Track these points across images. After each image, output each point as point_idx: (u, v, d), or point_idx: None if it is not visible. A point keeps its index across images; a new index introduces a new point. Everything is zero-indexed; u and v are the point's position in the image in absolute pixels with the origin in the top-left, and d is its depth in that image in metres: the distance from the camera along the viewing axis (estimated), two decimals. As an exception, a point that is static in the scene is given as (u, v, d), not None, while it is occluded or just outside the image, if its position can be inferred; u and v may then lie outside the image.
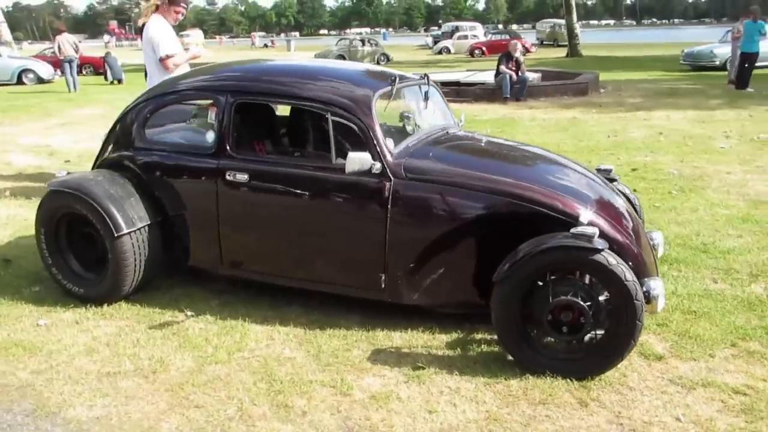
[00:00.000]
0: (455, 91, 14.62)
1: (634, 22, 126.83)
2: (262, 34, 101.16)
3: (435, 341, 3.30)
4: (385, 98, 3.51)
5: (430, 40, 46.20)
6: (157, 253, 3.74)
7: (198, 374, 3.02)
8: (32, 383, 2.97)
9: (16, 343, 3.33)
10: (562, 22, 44.14)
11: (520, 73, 13.80)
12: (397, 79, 3.57)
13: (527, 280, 2.89)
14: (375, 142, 3.23)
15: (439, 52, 37.73)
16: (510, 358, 3.07)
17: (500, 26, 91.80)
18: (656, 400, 2.77)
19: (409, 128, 3.82)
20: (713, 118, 10.84)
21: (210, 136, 3.59)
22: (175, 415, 2.71)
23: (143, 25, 5.12)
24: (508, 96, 13.57)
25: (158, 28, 4.97)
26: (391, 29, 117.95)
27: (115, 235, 3.52)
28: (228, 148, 3.49)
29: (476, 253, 3.24)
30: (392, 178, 3.20)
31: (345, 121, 3.31)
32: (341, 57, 27.51)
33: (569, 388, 2.84)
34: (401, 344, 3.28)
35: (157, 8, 5.02)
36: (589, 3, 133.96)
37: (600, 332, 2.87)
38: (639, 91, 14.96)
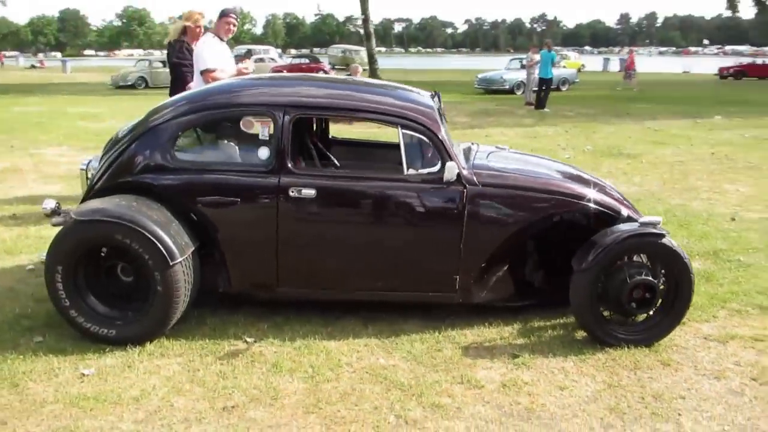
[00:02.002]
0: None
1: (403, 50, 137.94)
2: (14, 53, 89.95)
3: (504, 333, 3.58)
4: None
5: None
6: (198, 281, 3.50)
7: (320, 393, 2.95)
8: None
9: (76, 396, 2.90)
10: (353, 47, 46.62)
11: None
12: (437, 95, 3.82)
13: (607, 266, 3.33)
14: (447, 152, 3.44)
15: (238, 76, 37.28)
16: (581, 335, 3.48)
17: (295, 50, 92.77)
18: (710, 353, 3.38)
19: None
20: (538, 133, 12.50)
21: (264, 153, 3.47)
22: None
23: (168, 43, 5.28)
24: (353, 117, 14.12)
25: (204, 43, 5.03)
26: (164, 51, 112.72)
27: (170, 264, 3.23)
28: (289, 164, 3.42)
29: (538, 249, 3.62)
30: (467, 186, 3.44)
31: (416, 134, 3.47)
32: (142, 79, 25.92)
33: (647, 354, 3.34)
34: (478, 340, 3.51)
35: (185, 29, 5.25)
36: (360, 31, 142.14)
37: (662, 304, 3.41)
38: (459, 112, 16.53)
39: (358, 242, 3.50)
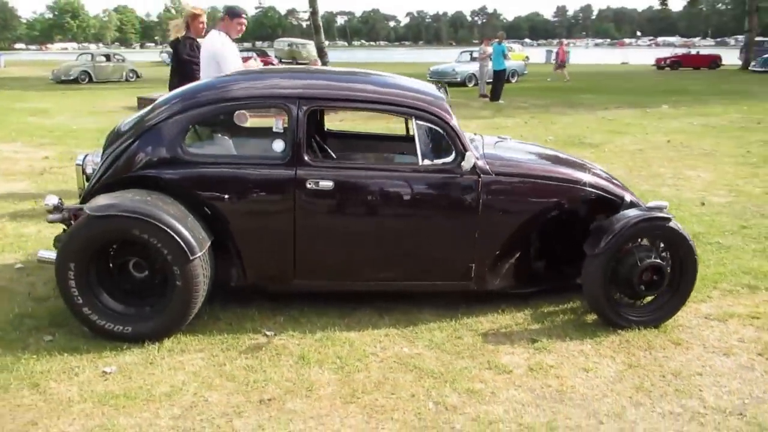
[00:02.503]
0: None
1: (346, 43, 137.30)
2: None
3: (518, 319, 3.67)
4: None
5: (166, 57, 44.10)
6: (213, 275, 3.44)
7: (353, 383, 2.96)
8: (191, 428, 2.60)
9: (104, 395, 2.83)
10: (300, 41, 46.11)
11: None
12: (443, 87, 3.86)
13: (618, 250, 3.45)
14: (461, 142, 3.49)
15: (183, 68, 36.31)
16: (591, 318, 3.61)
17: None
18: (713, 331, 3.56)
19: None
20: (499, 125, 12.72)
21: (279, 145, 3.43)
22: (388, 420, 2.67)
23: (175, 40, 5.21)
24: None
25: (222, 44, 4.98)
26: (101, 44, 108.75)
27: (190, 258, 3.17)
28: (305, 156, 3.40)
29: (548, 235, 3.72)
30: (481, 175, 3.49)
31: (431, 125, 3.50)
32: (86, 74, 24.95)
33: (657, 335, 3.48)
34: (494, 327, 3.58)
35: (188, 24, 5.20)
36: (303, 24, 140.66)
37: (668, 285, 3.56)
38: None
39: (374, 233, 3.51)
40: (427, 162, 3.49)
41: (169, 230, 3.13)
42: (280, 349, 3.28)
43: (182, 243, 3.14)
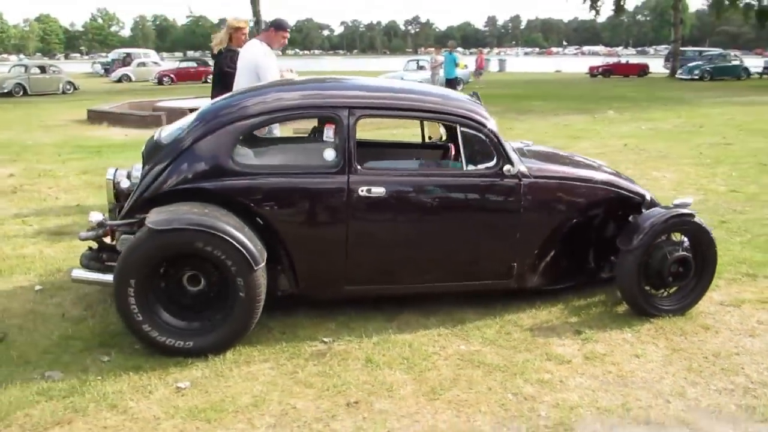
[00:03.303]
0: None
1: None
2: None
3: (555, 314, 3.87)
4: None
5: (99, 68, 42.75)
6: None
7: (429, 381, 3.08)
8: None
9: (189, 410, 2.83)
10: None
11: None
12: (476, 95, 4.04)
13: (649, 245, 3.70)
14: (503, 148, 3.67)
15: (119, 80, 35.28)
16: (622, 309, 3.85)
17: (165, 53, 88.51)
18: (733, 316, 3.86)
19: None
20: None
21: (330, 153, 3.51)
22: (477, 413, 2.80)
23: (218, 52, 5.46)
24: (275, 121, 14.00)
25: (264, 54, 5.13)
26: (22, 55, 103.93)
27: (255, 269, 3.21)
28: (355, 163, 3.49)
29: (578, 233, 3.94)
30: (521, 178, 3.68)
31: (474, 132, 3.66)
32: (20, 86, 23.94)
33: (685, 321, 3.75)
34: (536, 322, 3.76)
35: (230, 36, 5.44)
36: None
37: (693, 276, 3.84)
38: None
39: (422, 237, 3.64)
40: (471, 167, 3.65)
41: (233, 241, 3.16)
42: (343, 354, 3.35)
43: (246, 254, 3.18)
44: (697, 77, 30.82)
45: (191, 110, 14.54)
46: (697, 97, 21.27)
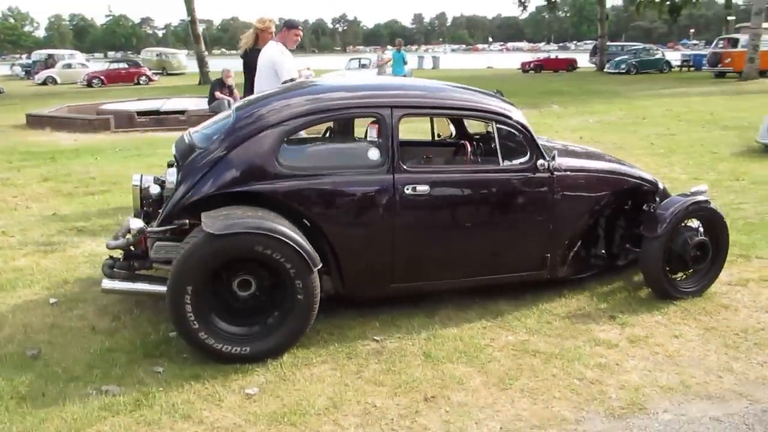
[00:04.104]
0: (156, 121, 14.15)
1: (206, 52, 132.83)
2: None
3: (583, 302, 4.02)
4: None
5: (19, 70, 40.51)
6: (316, 287, 3.47)
7: (494, 372, 3.16)
8: None
9: (270, 415, 2.81)
10: (169, 50, 44.32)
11: (234, 99, 14.08)
12: (501, 93, 4.15)
13: (672, 232, 3.91)
14: (536, 144, 3.79)
15: (44, 83, 33.56)
16: (644, 293, 4.05)
17: (87, 54, 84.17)
18: (743, 295, 4.12)
19: None
20: (412, 129, 13.19)
21: (375, 153, 3.53)
22: (551, 399, 2.90)
23: (246, 51, 5.72)
24: (229, 121, 13.73)
25: (281, 52, 5.30)
26: None
27: (313, 270, 3.20)
28: (400, 162, 3.53)
29: (602, 223, 4.12)
30: (553, 172, 3.81)
31: (510, 129, 3.76)
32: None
33: (705, 302, 3.98)
34: (570, 310, 3.90)
35: (257, 36, 5.67)
36: (158, 33, 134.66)
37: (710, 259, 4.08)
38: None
39: (465, 233, 3.71)
40: (507, 163, 3.75)
41: (293, 244, 3.14)
42: (399, 351, 3.38)
43: (306, 256, 3.17)
44: (623, 71, 32.25)
45: (141, 113, 14.18)
46: (629, 90, 22.27)
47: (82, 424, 2.74)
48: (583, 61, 41.27)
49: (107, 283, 3.52)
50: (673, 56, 37.94)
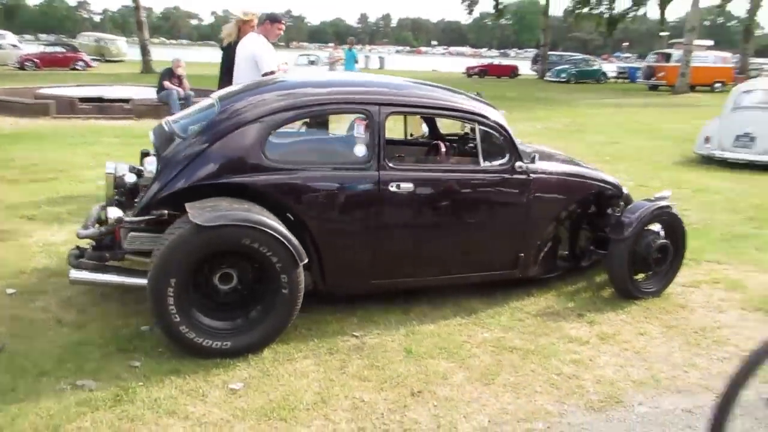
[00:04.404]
0: (99, 108, 13.65)
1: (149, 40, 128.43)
2: None
3: (551, 301, 4.15)
4: None
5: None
6: (297, 281, 3.45)
7: (475, 368, 3.22)
8: (375, 426, 2.69)
9: (257, 410, 2.78)
10: (108, 36, 42.70)
11: (183, 90, 13.73)
12: (480, 94, 4.23)
13: (637, 235, 4.09)
14: (515, 146, 3.89)
15: (-30, 64, 31.69)
16: (607, 293, 4.23)
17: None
18: (697, 295, 4.34)
19: None
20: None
21: (361, 149, 3.54)
22: (533, 393, 2.99)
23: (229, 44, 5.57)
24: (177, 111, 13.37)
25: (261, 44, 5.25)
26: None
27: (299, 264, 3.18)
28: (385, 159, 3.55)
29: (571, 224, 4.27)
30: (529, 174, 3.92)
31: (491, 130, 3.84)
32: None
33: (663, 302, 4.17)
34: (540, 308, 4.02)
35: (239, 29, 5.57)
36: (94, 17, 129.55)
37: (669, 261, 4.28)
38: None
39: (445, 231, 3.76)
40: (487, 163, 3.83)
41: (281, 237, 3.11)
42: (379, 347, 3.40)
43: (293, 250, 3.14)
44: (564, 80, 33.29)
45: (83, 100, 13.58)
46: (570, 99, 23.01)
47: (60, 420, 2.63)
48: (525, 68, 42.33)
49: (75, 274, 3.39)
50: (609, 68, 39.44)
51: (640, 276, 4.26)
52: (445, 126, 5.22)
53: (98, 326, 3.49)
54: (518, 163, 3.86)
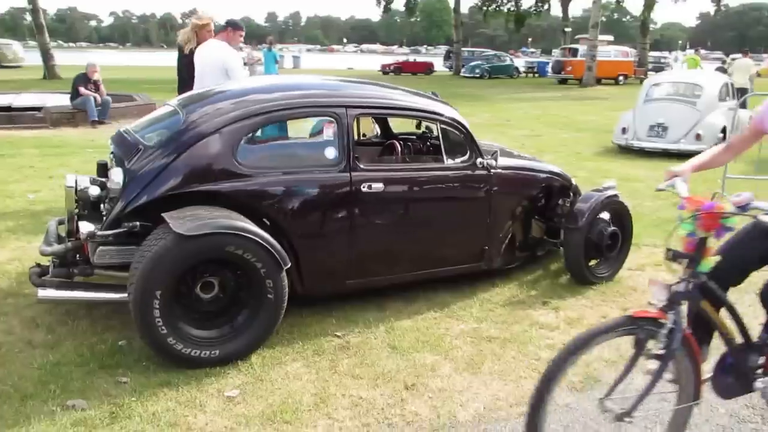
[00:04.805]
0: (8, 118, 12.88)
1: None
2: None
3: (515, 290, 4.36)
4: None
5: None
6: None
7: (460, 360, 3.36)
8: (378, 421, 2.76)
9: (259, 415, 2.80)
10: (4, 40, 40.02)
11: (100, 96, 13.17)
12: (436, 95, 4.37)
13: (590, 223, 4.36)
14: (475, 143, 4.05)
15: None
16: (565, 280, 4.49)
17: None
18: (644, 279, 4.67)
19: None
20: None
21: (332, 152, 3.59)
22: (519, 379, 3.16)
23: (191, 50, 5.53)
24: (95, 118, 12.84)
25: (231, 53, 5.31)
26: None
27: (284, 268, 3.21)
28: (356, 161, 3.62)
29: (528, 215, 4.50)
30: (490, 170, 4.10)
31: (453, 129, 3.99)
32: None
33: (615, 285, 4.48)
34: (505, 298, 4.21)
35: (196, 34, 5.60)
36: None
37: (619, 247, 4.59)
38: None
39: (415, 228, 3.88)
40: (450, 161, 3.98)
41: (265, 243, 3.13)
42: (364, 344, 3.48)
43: (277, 255, 3.16)
44: (478, 75, 34.26)
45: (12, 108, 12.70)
46: (488, 94, 23.76)
47: (56, 443, 2.55)
48: (438, 64, 43.22)
49: (44, 293, 3.27)
50: (518, 63, 40.92)
51: (593, 262, 4.54)
52: (397, 125, 5.37)
53: (72, 345, 3.37)
54: (479, 160, 4.03)
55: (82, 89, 12.81)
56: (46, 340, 3.43)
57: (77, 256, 3.49)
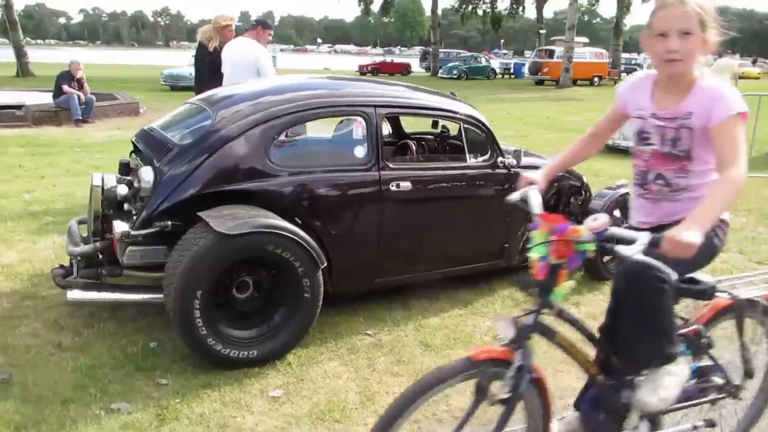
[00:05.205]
0: (-13, 117, 12.59)
1: (7, 40, 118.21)
2: None
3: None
4: None
5: None
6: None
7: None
8: (427, 417, 2.79)
9: (308, 416, 2.80)
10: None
11: (84, 94, 12.96)
12: (454, 95, 4.41)
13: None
14: (496, 143, 4.11)
15: None
16: (580, 274, 4.57)
17: None
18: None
19: None
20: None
21: (361, 151, 3.60)
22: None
23: (215, 48, 5.71)
24: (80, 117, 12.64)
25: (264, 52, 5.44)
26: None
27: (320, 267, 3.22)
28: (384, 159, 3.64)
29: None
30: (510, 168, 4.16)
31: (475, 129, 4.03)
32: None
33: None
34: (498, 297, 4.28)
35: (217, 32, 5.76)
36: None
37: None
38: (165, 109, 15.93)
39: (439, 227, 3.91)
40: (473, 160, 4.02)
41: (303, 242, 3.13)
42: (397, 342, 3.50)
43: (314, 253, 3.17)
44: (455, 76, 34.50)
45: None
46: (468, 95, 23.68)
47: (107, 445, 2.53)
48: (415, 65, 43.40)
49: (73, 295, 3.23)
50: (494, 64, 41.30)
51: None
52: (408, 125, 5.41)
53: (103, 347, 3.33)
54: (500, 159, 4.09)
55: (65, 87, 12.58)
56: (74, 342, 3.38)
57: (99, 256, 3.45)
